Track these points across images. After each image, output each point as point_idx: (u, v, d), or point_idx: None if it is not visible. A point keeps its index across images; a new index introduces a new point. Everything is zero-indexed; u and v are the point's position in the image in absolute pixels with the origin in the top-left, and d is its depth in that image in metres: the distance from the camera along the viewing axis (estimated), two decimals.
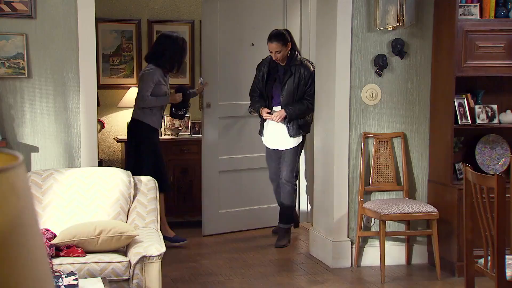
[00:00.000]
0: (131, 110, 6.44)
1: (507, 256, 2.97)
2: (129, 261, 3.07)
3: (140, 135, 5.25)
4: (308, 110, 5.21)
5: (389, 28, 4.71)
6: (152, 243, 3.10)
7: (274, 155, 5.40)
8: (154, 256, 3.02)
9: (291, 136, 5.22)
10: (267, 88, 5.26)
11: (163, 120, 5.62)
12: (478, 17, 4.54)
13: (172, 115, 5.57)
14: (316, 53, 5.24)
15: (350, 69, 4.74)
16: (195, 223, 6.34)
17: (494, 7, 4.57)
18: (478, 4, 4.54)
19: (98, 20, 6.34)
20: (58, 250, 3.06)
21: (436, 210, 4.51)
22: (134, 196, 3.61)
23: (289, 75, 5.14)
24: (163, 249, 3.08)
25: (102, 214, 3.44)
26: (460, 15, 4.50)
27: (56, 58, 4.02)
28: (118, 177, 3.58)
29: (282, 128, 5.23)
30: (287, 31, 5.33)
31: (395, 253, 4.93)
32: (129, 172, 3.69)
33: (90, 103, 4.09)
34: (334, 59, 4.72)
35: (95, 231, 3.08)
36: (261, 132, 5.42)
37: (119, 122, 6.49)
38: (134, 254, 3.04)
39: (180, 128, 6.43)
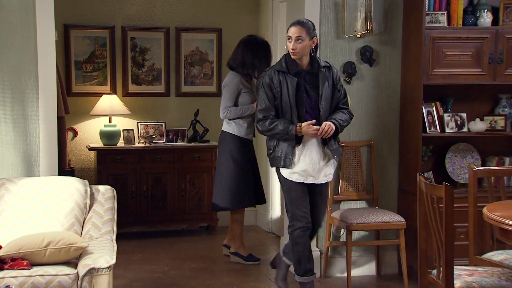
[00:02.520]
0: (104, 118, 6.42)
1: (457, 267, 2.92)
2: (77, 273, 2.99)
3: (227, 146, 5.06)
4: (349, 121, 4.07)
5: (358, 36, 4.67)
6: (101, 255, 3.02)
7: (307, 192, 4.01)
8: (103, 268, 2.94)
9: (335, 157, 3.99)
10: (298, 101, 3.90)
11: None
12: (446, 25, 4.50)
13: None
14: None
15: None
16: (169, 233, 6.28)
17: (462, 15, 4.53)
18: (445, 12, 4.50)
19: (70, 27, 6.31)
20: (2, 263, 2.98)
21: (403, 220, 4.45)
22: (91, 206, 3.53)
23: (324, 79, 3.94)
24: (113, 261, 3.01)
25: (56, 225, 3.36)
26: (428, 22, 4.47)
27: (14, 64, 3.94)
28: (74, 186, 3.50)
29: (320, 152, 3.95)
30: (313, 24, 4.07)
31: (366, 263, 4.88)
32: (86, 182, 3.62)
33: (49, 110, 4.02)
34: None
35: (43, 243, 3.00)
36: (288, 163, 3.91)
37: (92, 130, 6.41)
38: (82, 266, 2.97)
39: (154, 136, 6.36)
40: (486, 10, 4.54)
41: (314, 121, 3.85)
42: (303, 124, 3.84)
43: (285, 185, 4.01)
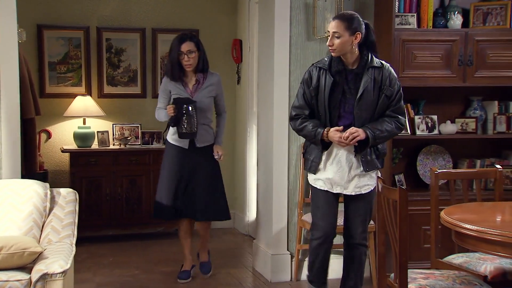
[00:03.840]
0: (79, 120, 6.35)
1: (414, 270, 2.90)
2: (30, 279, 2.93)
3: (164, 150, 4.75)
4: (395, 132, 3.57)
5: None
6: (56, 260, 2.96)
7: (335, 202, 3.69)
8: (56, 274, 2.88)
9: (365, 170, 3.54)
10: (332, 103, 3.53)
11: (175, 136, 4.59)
12: (416, 27, 4.48)
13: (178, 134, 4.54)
14: (258, 63, 5.15)
15: (288, 78, 4.65)
16: (145, 235, 6.22)
17: (432, 17, 4.51)
18: (415, 14, 4.48)
19: (43, 27, 6.24)
20: None
21: (372, 222, 4.41)
22: (51, 209, 3.47)
23: (367, 81, 3.48)
24: (67, 266, 2.94)
25: (14, 229, 3.30)
26: (398, 24, 4.44)
27: None
28: (33, 189, 3.44)
29: (351, 160, 3.57)
30: (361, 19, 3.61)
31: (338, 266, 4.82)
32: (47, 184, 3.56)
33: (12, 112, 3.94)
34: (272, 68, 4.63)
35: None
36: (312, 168, 3.65)
37: (66, 131, 6.34)
38: (35, 271, 2.91)
39: (129, 138, 6.31)
40: (456, 12, 4.52)
41: (341, 127, 3.48)
42: (332, 128, 3.50)
43: (311, 191, 3.77)
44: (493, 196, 3.59)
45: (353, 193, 3.58)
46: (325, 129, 3.52)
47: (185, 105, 4.40)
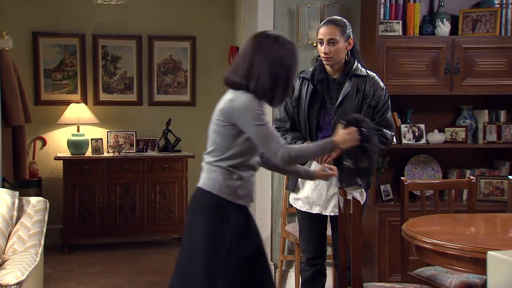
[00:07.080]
0: (72, 127, 6.34)
1: (375, 284, 2.80)
2: None
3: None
4: (378, 147, 3.11)
5: (314, 44, 4.55)
6: (12, 270, 2.92)
7: (318, 224, 3.35)
8: (11, 285, 2.84)
9: (341, 184, 3.16)
10: (311, 114, 3.29)
11: None
12: (401, 34, 4.37)
13: (348, 171, 3.09)
14: None
15: None
16: (139, 244, 6.18)
17: (419, 24, 4.40)
18: (401, 21, 4.37)
19: (38, 34, 6.26)
20: None
21: None
22: (18, 218, 3.44)
23: (348, 91, 3.20)
24: (23, 277, 2.90)
25: None
26: (382, 31, 4.34)
27: None
28: (0, 198, 3.41)
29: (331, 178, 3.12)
30: (349, 23, 3.32)
31: None
32: (16, 193, 3.53)
33: None
34: None
35: None
36: (291, 186, 3.39)
37: (61, 139, 6.35)
38: None
39: (123, 145, 6.28)
40: (444, 19, 4.40)
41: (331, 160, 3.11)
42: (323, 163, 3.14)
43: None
44: (479, 207, 3.47)
45: (331, 214, 3.24)
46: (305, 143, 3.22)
47: (365, 127, 2.92)
